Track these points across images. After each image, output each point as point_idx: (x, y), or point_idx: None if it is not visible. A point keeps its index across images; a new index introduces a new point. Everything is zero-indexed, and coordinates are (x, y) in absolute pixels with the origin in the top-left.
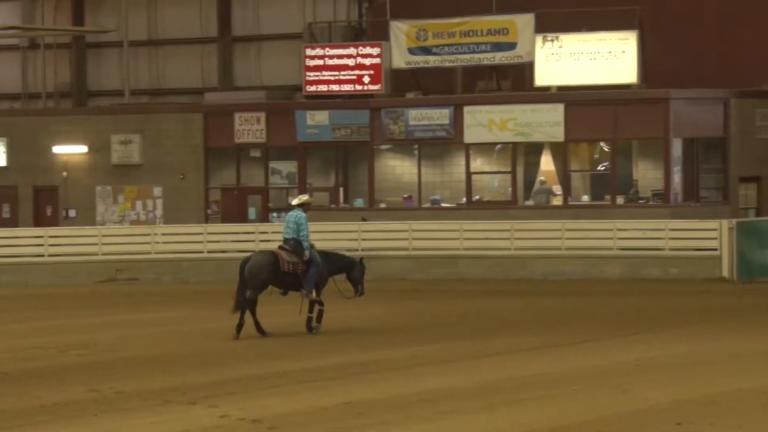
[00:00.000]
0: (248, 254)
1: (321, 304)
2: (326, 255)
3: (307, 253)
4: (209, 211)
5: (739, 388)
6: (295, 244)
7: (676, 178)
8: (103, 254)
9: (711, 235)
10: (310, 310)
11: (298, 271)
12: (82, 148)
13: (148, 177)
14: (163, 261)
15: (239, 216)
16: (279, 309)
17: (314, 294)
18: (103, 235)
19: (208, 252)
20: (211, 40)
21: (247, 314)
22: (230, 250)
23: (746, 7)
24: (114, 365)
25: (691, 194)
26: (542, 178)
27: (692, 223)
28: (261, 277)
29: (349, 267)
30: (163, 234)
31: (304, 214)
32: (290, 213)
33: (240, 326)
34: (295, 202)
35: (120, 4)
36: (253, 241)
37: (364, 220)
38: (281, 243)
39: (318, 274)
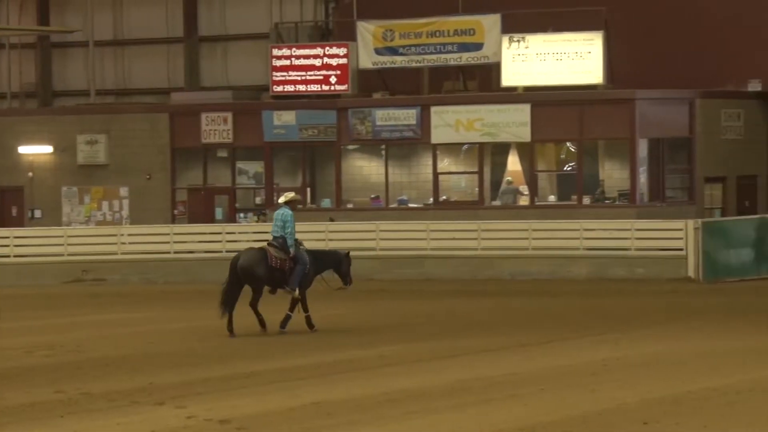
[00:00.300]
0: (236, 253)
1: (306, 310)
2: (314, 254)
3: (291, 250)
4: (176, 212)
5: (705, 388)
6: (283, 242)
7: (642, 178)
8: (69, 255)
9: (677, 235)
10: (291, 309)
11: (285, 268)
12: (48, 149)
13: (114, 177)
14: (130, 261)
15: (206, 216)
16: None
17: (297, 292)
18: (69, 236)
19: (175, 252)
20: (177, 40)
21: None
22: (197, 250)
23: (711, 8)
24: (81, 366)
25: (657, 194)
26: (509, 178)
27: (658, 223)
28: (258, 272)
29: (337, 262)
30: (130, 234)
31: (290, 212)
32: (277, 211)
33: (230, 324)
34: (281, 200)
35: (85, 3)
36: (220, 241)
37: (331, 220)
38: (269, 240)
39: (304, 273)
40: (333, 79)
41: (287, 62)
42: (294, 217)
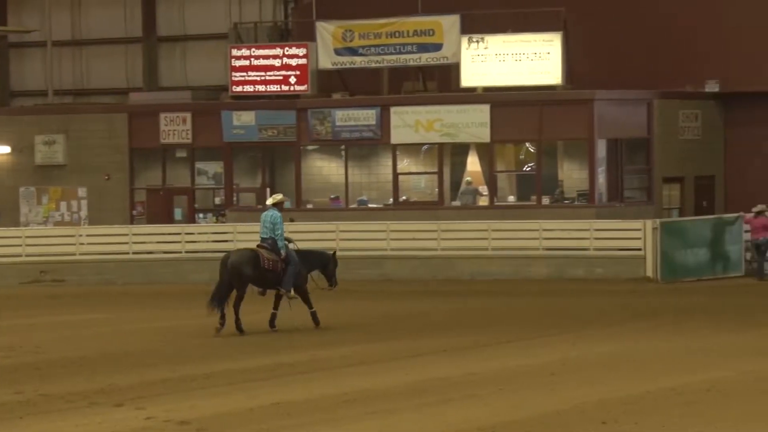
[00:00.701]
0: (226, 252)
1: (311, 306)
2: (302, 253)
3: (283, 251)
4: (134, 212)
5: (664, 387)
6: (273, 243)
7: (601, 178)
8: (27, 255)
9: (635, 235)
10: (276, 307)
11: (278, 269)
12: (5, 149)
13: (72, 178)
14: (89, 262)
15: (165, 217)
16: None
17: (292, 292)
18: (27, 237)
19: (134, 253)
20: (136, 40)
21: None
22: (156, 251)
23: (669, 9)
24: (39, 367)
25: (616, 194)
26: (469, 178)
27: (617, 223)
28: (245, 272)
29: (324, 262)
30: (88, 235)
31: (279, 214)
32: (265, 213)
33: (222, 320)
34: (269, 201)
35: (43, 3)
36: (179, 242)
37: (291, 221)
38: (258, 242)
39: (296, 272)
40: (292, 80)
41: (246, 62)
42: (282, 219)
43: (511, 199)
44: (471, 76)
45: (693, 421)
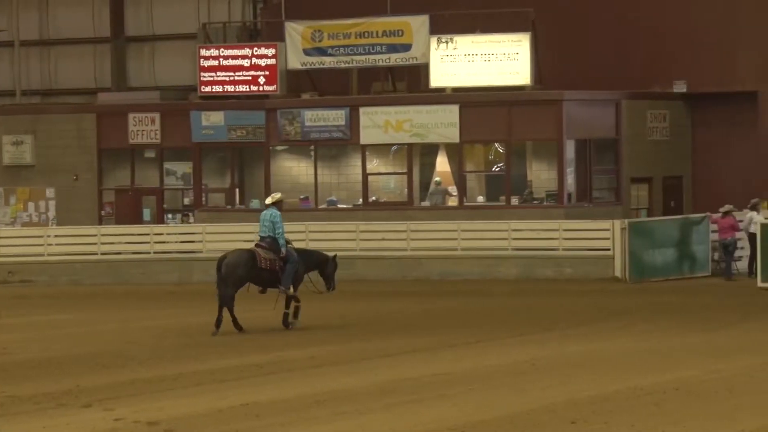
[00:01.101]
0: (224, 253)
1: (297, 300)
2: (301, 252)
3: (283, 249)
4: (103, 213)
5: (632, 387)
6: (271, 242)
7: (570, 178)
8: None
9: (604, 236)
10: (287, 306)
11: (275, 268)
12: None
13: (40, 178)
14: (57, 263)
15: (134, 217)
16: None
17: (291, 290)
18: None
19: (102, 254)
20: (104, 40)
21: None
22: (125, 251)
23: (637, 10)
24: (6, 368)
25: (584, 195)
26: (438, 179)
27: (585, 223)
28: (237, 273)
29: (323, 263)
30: (57, 236)
31: (278, 212)
32: (264, 212)
33: (218, 322)
34: (268, 201)
35: (11, 3)
36: (148, 242)
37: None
38: (257, 241)
39: (295, 271)
40: (261, 80)
41: (215, 62)
42: (282, 217)
43: (481, 199)
44: (440, 77)
45: (662, 420)
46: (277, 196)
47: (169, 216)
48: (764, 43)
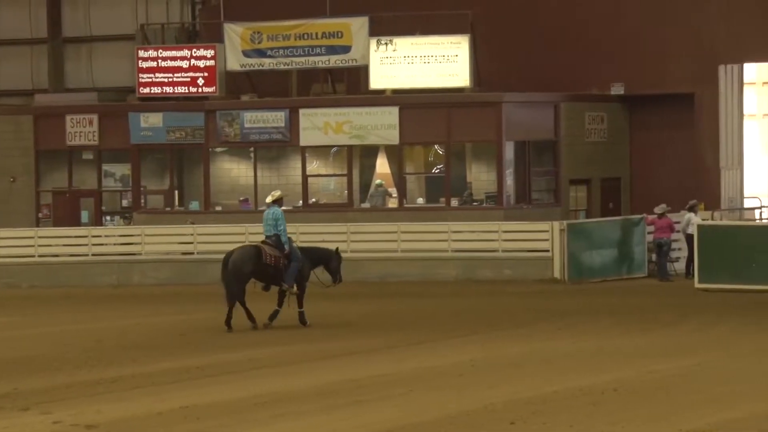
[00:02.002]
0: (229, 250)
1: (300, 305)
2: (305, 250)
3: (286, 246)
4: (40, 215)
5: (571, 387)
6: (276, 240)
7: (509, 180)
8: None
9: (543, 237)
10: (300, 305)
11: (280, 265)
12: None
13: None
14: None
15: (71, 219)
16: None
17: (295, 288)
18: None
19: (40, 256)
20: (41, 41)
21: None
22: (62, 254)
23: (575, 13)
24: None
25: (524, 196)
26: (380, 181)
27: (524, 224)
28: (245, 270)
29: (327, 258)
30: None
31: (279, 210)
32: (267, 210)
33: (229, 319)
34: (269, 199)
35: None
36: (86, 244)
37: (191, 223)
38: (263, 239)
39: (299, 269)
40: (200, 81)
41: (154, 64)
42: (284, 215)
43: (420, 201)
44: (379, 78)
45: (600, 421)
46: (276, 194)
47: (108, 218)
48: (699, 46)
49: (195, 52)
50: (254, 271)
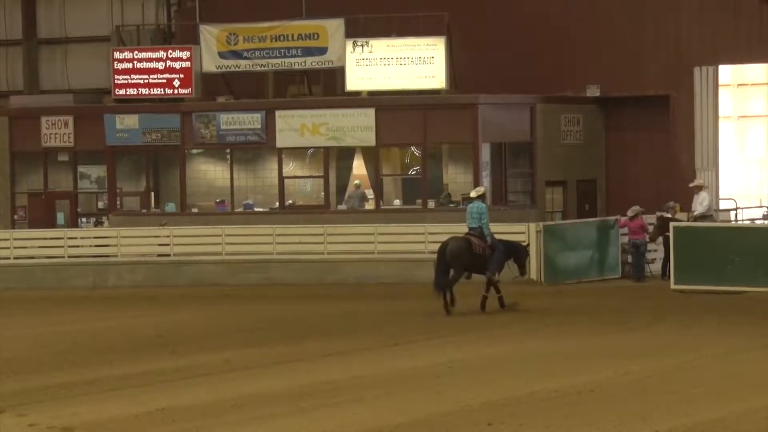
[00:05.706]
0: (445, 240)
1: (498, 291)
2: (503, 243)
3: (488, 239)
4: (16, 217)
5: (548, 389)
6: (480, 232)
7: (485, 182)
8: None
9: (519, 238)
10: (486, 290)
11: (486, 254)
12: None
13: None
14: None
15: (47, 221)
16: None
17: (497, 276)
18: None
19: (15, 258)
20: (16, 43)
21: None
22: (38, 256)
23: (551, 15)
24: None
25: (500, 198)
26: (358, 182)
27: (501, 226)
28: (462, 260)
29: (517, 252)
30: None
31: (484, 205)
32: (471, 205)
33: (446, 304)
34: (473, 194)
35: None
36: (62, 246)
37: (164, 225)
38: (467, 231)
39: (501, 258)
40: (176, 83)
41: (129, 65)
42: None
43: (397, 202)
44: (356, 80)
45: (577, 422)
46: (480, 190)
47: (84, 220)
48: (675, 48)
49: (171, 54)
50: (470, 261)
